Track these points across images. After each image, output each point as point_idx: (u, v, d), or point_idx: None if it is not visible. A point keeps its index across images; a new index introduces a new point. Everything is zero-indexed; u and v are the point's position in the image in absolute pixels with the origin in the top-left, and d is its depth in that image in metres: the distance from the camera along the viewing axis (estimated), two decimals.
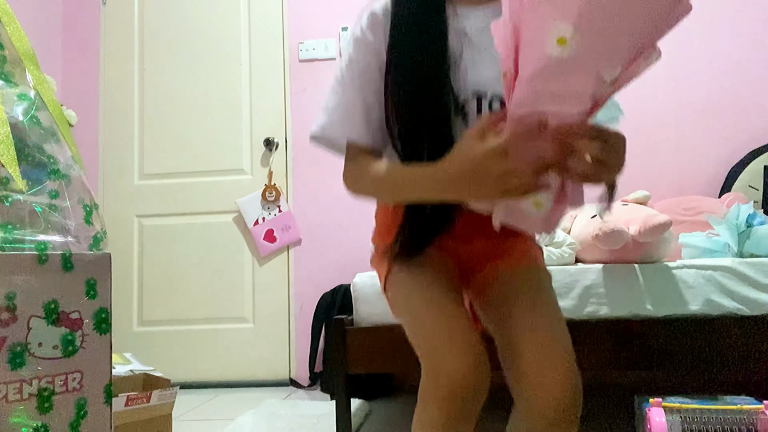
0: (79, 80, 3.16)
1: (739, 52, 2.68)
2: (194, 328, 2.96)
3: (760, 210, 2.36)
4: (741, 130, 2.63)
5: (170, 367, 2.68)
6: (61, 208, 0.79)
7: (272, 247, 2.94)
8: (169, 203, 3.05)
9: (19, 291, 0.66)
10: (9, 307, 0.65)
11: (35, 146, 0.80)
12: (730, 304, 1.58)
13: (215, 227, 3.00)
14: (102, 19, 3.19)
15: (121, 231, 3.03)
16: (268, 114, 3.03)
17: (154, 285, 3.01)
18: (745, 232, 1.79)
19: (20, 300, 0.66)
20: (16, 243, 0.71)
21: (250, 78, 3.06)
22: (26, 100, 0.82)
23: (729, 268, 1.62)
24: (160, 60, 3.13)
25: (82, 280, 0.72)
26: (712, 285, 1.60)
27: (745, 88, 2.66)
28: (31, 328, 0.67)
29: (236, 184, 3.00)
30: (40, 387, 0.67)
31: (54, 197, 0.79)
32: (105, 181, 3.10)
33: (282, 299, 2.94)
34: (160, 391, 1.47)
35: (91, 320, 0.73)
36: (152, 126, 3.11)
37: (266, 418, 2.07)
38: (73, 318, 0.71)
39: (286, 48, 3.05)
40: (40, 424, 0.67)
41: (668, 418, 1.40)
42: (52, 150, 0.82)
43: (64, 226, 0.79)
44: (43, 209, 0.77)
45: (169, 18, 3.14)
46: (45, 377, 0.68)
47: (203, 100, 3.07)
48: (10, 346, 0.65)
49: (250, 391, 2.75)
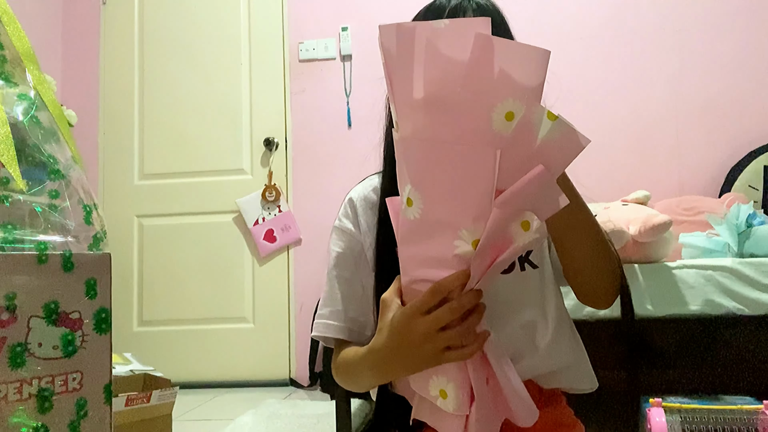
0: (79, 80, 3.16)
1: (738, 52, 2.68)
2: (194, 328, 2.96)
3: (760, 210, 2.36)
4: (741, 130, 2.63)
5: (170, 367, 2.68)
6: (61, 208, 0.79)
7: (272, 247, 2.94)
8: (169, 203, 3.05)
9: (19, 291, 0.66)
10: (9, 307, 0.65)
11: (35, 146, 0.80)
12: (730, 304, 1.58)
13: (215, 227, 3.00)
14: (102, 19, 3.20)
15: (121, 231, 3.03)
16: (268, 114, 3.03)
17: (154, 285, 3.01)
18: (745, 232, 1.79)
19: (20, 300, 0.66)
20: (16, 243, 0.71)
21: (250, 78, 3.06)
22: (26, 100, 0.82)
23: (729, 268, 1.62)
24: (160, 60, 3.13)
25: (82, 280, 0.72)
26: (712, 285, 1.60)
27: (745, 88, 2.66)
28: (31, 328, 0.67)
29: (236, 184, 3.00)
30: (40, 387, 0.67)
31: (54, 197, 0.79)
32: (105, 181, 3.10)
33: (282, 299, 2.94)
34: (160, 391, 1.47)
35: (91, 320, 0.73)
36: (152, 126, 3.11)
37: (266, 418, 2.07)
38: (73, 318, 0.71)
39: (286, 48, 3.05)
40: (40, 424, 0.67)
41: (668, 418, 1.41)
42: (52, 150, 0.82)
43: (64, 226, 0.79)
44: (43, 209, 0.77)
45: (169, 18, 3.14)
46: (45, 377, 0.68)
47: (203, 100, 3.07)
48: (10, 346, 0.65)
49: (250, 391, 2.74)
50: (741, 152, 2.58)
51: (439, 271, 0.61)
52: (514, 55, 0.54)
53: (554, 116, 0.55)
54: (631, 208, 1.82)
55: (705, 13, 2.70)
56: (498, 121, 0.55)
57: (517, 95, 0.54)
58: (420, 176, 0.60)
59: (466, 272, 0.60)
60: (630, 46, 2.75)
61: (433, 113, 0.57)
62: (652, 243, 1.66)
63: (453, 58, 0.55)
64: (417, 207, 0.60)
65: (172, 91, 3.10)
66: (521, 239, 0.60)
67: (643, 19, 2.76)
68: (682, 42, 2.69)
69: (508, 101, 0.54)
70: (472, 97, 0.55)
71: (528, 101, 0.55)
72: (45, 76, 0.91)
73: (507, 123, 0.55)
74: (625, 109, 2.72)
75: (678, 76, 2.71)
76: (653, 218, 1.64)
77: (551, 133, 0.55)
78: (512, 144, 0.56)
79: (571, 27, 2.79)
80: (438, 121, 0.57)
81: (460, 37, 0.54)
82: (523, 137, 0.56)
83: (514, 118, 0.55)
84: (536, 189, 0.57)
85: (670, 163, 2.68)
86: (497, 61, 0.54)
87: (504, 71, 0.54)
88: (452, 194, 0.58)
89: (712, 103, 2.68)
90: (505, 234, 0.60)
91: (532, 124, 0.55)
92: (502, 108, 0.54)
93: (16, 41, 0.85)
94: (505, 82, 0.54)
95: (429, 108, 0.57)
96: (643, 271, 1.63)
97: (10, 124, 0.77)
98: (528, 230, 0.59)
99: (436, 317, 0.62)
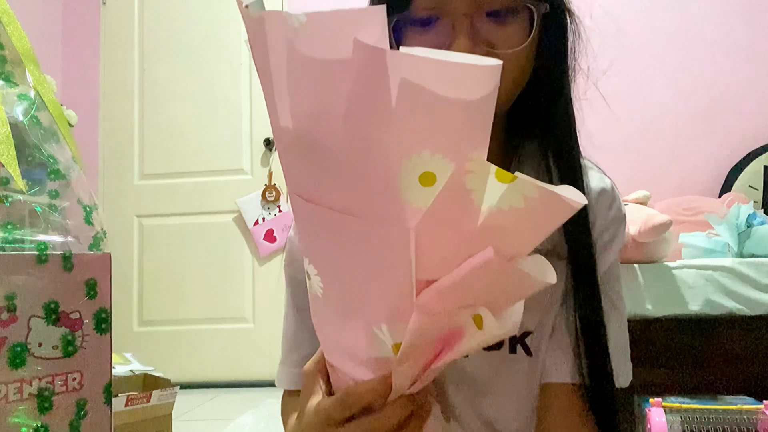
0: (79, 80, 3.16)
1: (739, 52, 2.68)
2: (194, 328, 2.96)
3: (760, 210, 2.36)
4: (741, 130, 2.63)
5: (170, 367, 2.68)
6: (61, 208, 0.79)
7: (272, 247, 2.94)
8: (169, 203, 3.05)
9: (19, 291, 0.66)
10: (9, 307, 0.65)
11: (35, 146, 0.80)
12: (730, 304, 1.58)
13: (215, 227, 3.00)
14: (102, 19, 3.20)
15: (121, 231, 3.03)
16: (267, 114, 3.03)
17: (154, 285, 3.01)
18: (745, 232, 1.79)
19: (20, 300, 0.66)
20: (16, 243, 0.71)
21: (250, 78, 3.06)
22: (26, 100, 0.82)
23: (729, 268, 1.62)
24: (160, 60, 3.13)
25: (82, 280, 0.72)
26: (712, 285, 1.60)
27: (744, 88, 2.66)
28: (31, 328, 0.67)
29: (236, 184, 3.00)
30: (40, 387, 0.67)
31: (54, 197, 0.79)
32: (105, 181, 3.10)
33: (282, 299, 2.94)
34: (160, 391, 1.47)
35: (91, 320, 0.73)
36: (152, 126, 3.11)
37: (266, 418, 2.08)
38: (73, 318, 0.71)
39: None
40: (40, 424, 0.67)
41: (668, 418, 1.40)
42: (52, 150, 0.82)
43: (64, 226, 0.79)
44: (43, 209, 0.77)
45: (169, 18, 3.14)
46: (45, 377, 0.68)
47: (203, 100, 3.07)
48: (10, 346, 0.65)
49: (250, 391, 2.75)
50: (741, 152, 2.58)
51: (359, 368, 0.44)
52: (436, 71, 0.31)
53: (509, 177, 0.33)
54: (631, 208, 1.82)
55: (705, 13, 2.70)
56: (409, 187, 0.34)
57: (437, 146, 0.33)
58: (314, 249, 0.42)
59: (386, 382, 0.43)
60: (630, 46, 2.75)
61: (311, 161, 0.37)
62: (652, 243, 1.66)
63: (327, 73, 0.33)
64: (317, 285, 0.43)
65: (172, 91, 3.10)
66: (474, 338, 0.40)
67: (643, 18, 2.76)
68: (682, 42, 2.69)
69: (422, 156, 0.33)
70: (361, 144, 0.34)
71: (457, 154, 0.33)
72: (45, 76, 0.91)
73: (424, 189, 0.34)
74: (626, 109, 2.72)
75: (678, 76, 2.71)
76: (653, 218, 1.64)
77: (506, 201, 0.34)
78: (438, 218, 0.35)
79: None
80: (320, 174, 0.37)
81: (336, 38, 0.32)
82: (455, 208, 0.35)
83: (436, 182, 0.34)
84: (486, 279, 0.37)
85: (670, 163, 2.68)
86: (405, 81, 0.31)
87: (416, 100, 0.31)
88: (358, 282, 0.40)
89: (712, 103, 2.68)
90: (450, 326, 0.40)
91: (469, 192, 0.34)
92: (414, 166, 0.33)
93: (16, 41, 0.85)
94: (416, 124, 0.32)
95: (304, 152, 0.38)
96: (643, 271, 1.63)
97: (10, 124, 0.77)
98: (482, 328, 0.38)
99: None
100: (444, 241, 0.36)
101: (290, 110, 0.38)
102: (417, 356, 0.41)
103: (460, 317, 0.39)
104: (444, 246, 0.36)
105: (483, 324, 0.38)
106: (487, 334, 0.39)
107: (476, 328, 0.39)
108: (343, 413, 0.45)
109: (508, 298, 0.40)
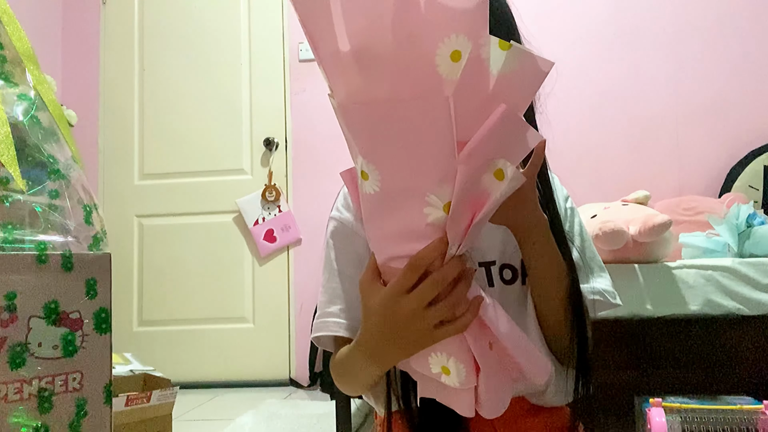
0: (79, 80, 3.16)
1: (739, 52, 2.68)
2: (194, 328, 2.96)
3: (760, 210, 2.36)
4: (741, 130, 2.63)
5: (170, 367, 2.68)
6: (61, 208, 0.79)
7: (272, 247, 2.94)
8: (169, 203, 3.05)
9: (19, 291, 0.66)
10: (9, 307, 0.65)
11: (35, 146, 0.80)
12: (730, 304, 1.58)
13: (215, 227, 3.00)
14: (102, 19, 3.20)
15: (121, 231, 3.03)
16: (268, 114, 3.03)
17: (154, 285, 3.02)
18: (745, 232, 1.79)
19: (20, 300, 0.66)
20: (16, 243, 0.71)
21: (249, 78, 3.06)
22: (26, 100, 0.82)
23: (729, 268, 1.62)
24: (160, 60, 3.13)
25: (82, 280, 0.72)
26: (712, 285, 1.60)
27: (745, 88, 2.66)
28: (31, 328, 0.67)
29: (236, 184, 3.00)
30: (40, 387, 0.67)
31: (54, 197, 0.79)
32: (105, 181, 3.10)
33: (282, 299, 2.94)
34: (160, 391, 1.47)
35: (91, 320, 0.73)
36: (152, 126, 3.11)
37: (266, 418, 2.07)
38: (73, 318, 0.71)
39: (286, 48, 3.05)
40: (40, 424, 0.67)
41: (668, 418, 1.40)
42: (52, 150, 0.82)
43: (64, 226, 0.79)
44: (43, 209, 0.77)
45: (169, 18, 3.14)
46: (45, 377, 0.68)
47: (203, 100, 3.07)
48: (10, 346, 0.65)
49: (250, 391, 2.75)
50: (741, 152, 2.58)
51: (414, 244, 0.54)
52: None
53: (507, 44, 0.49)
54: (631, 208, 1.82)
55: (705, 13, 2.70)
56: (444, 65, 0.47)
57: (459, 29, 0.47)
58: (368, 145, 0.52)
59: (443, 240, 0.54)
60: (630, 46, 2.75)
61: (365, 69, 0.49)
62: (652, 243, 1.66)
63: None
64: (374, 180, 0.53)
65: (172, 90, 3.10)
66: (497, 190, 0.53)
67: (643, 19, 2.76)
68: (682, 42, 2.69)
69: (450, 39, 0.47)
70: (407, 42, 0.47)
71: (473, 34, 0.47)
72: (45, 76, 0.91)
73: (454, 65, 0.47)
74: (625, 109, 2.72)
75: (678, 76, 2.71)
76: (653, 218, 1.64)
77: (507, 65, 0.49)
78: (465, 87, 0.48)
79: (571, 27, 2.79)
80: (373, 78, 0.49)
81: None
82: (475, 77, 0.49)
83: (462, 57, 0.47)
84: (503, 131, 0.50)
85: (670, 163, 2.68)
86: None
87: (438, 3, 0.46)
88: (409, 158, 0.51)
89: (712, 103, 2.68)
90: (479, 188, 0.53)
91: (484, 60, 0.49)
92: (446, 48, 0.47)
93: (16, 41, 0.85)
94: (442, 17, 0.46)
95: (360, 64, 0.49)
96: (643, 271, 1.63)
97: (10, 124, 0.77)
98: (503, 179, 0.52)
99: (419, 294, 0.56)
100: (469, 106, 0.49)
101: (346, 31, 0.48)
102: (463, 210, 0.53)
103: (484, 179, 0.53)
104: (469, 110, 0.49)
105: (503, 175, 0.52)
106: (505, 184, 0.52)
107: (498, 181, 0.52)
108: (412, 279, 0.56)
109: (515, 152, 0.53)
